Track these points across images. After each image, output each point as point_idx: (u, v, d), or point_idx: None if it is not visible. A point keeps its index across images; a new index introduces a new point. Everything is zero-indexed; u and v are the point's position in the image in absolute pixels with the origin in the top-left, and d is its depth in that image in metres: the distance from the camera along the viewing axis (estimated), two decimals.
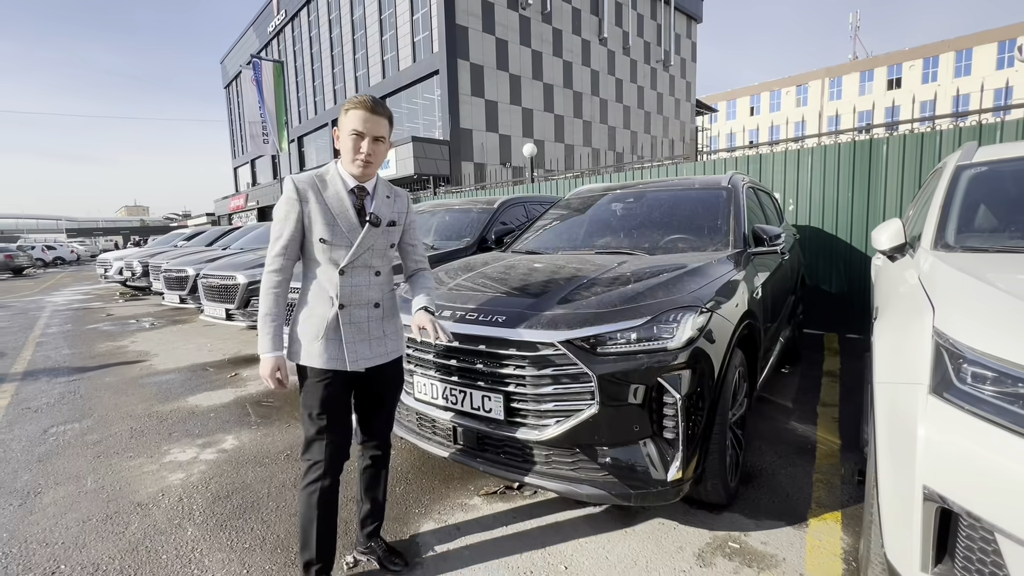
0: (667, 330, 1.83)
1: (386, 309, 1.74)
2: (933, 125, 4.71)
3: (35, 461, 2.93)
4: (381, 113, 1.60)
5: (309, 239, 1.62)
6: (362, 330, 1.66)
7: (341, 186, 1.63)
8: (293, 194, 1.60)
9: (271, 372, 1.60)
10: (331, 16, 27.57)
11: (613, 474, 1.83)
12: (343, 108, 1.61)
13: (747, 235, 2.82)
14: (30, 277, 20.00)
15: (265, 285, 1.62)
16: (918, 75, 36.49)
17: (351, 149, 1.59)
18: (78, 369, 5.02)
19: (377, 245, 1.68)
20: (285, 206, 1.60)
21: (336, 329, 1.62)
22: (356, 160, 1.60)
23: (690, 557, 1.89)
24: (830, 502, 2.22)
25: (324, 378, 1.63)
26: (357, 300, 1.65)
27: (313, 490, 1.66)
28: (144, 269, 10.53)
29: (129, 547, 2.08)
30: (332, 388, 1.64)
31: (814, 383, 3.78)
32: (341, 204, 1.62)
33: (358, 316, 1.65)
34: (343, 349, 1.62)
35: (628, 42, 28.94)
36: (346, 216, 1.62)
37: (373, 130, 1.59)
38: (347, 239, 1.62)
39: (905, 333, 1.46)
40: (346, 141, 1.59)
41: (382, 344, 1.72)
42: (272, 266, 1.62)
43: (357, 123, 1.57)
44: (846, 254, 5.14)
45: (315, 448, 1.66)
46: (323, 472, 1.65)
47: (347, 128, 1.58)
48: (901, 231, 2.24)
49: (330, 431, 1.65)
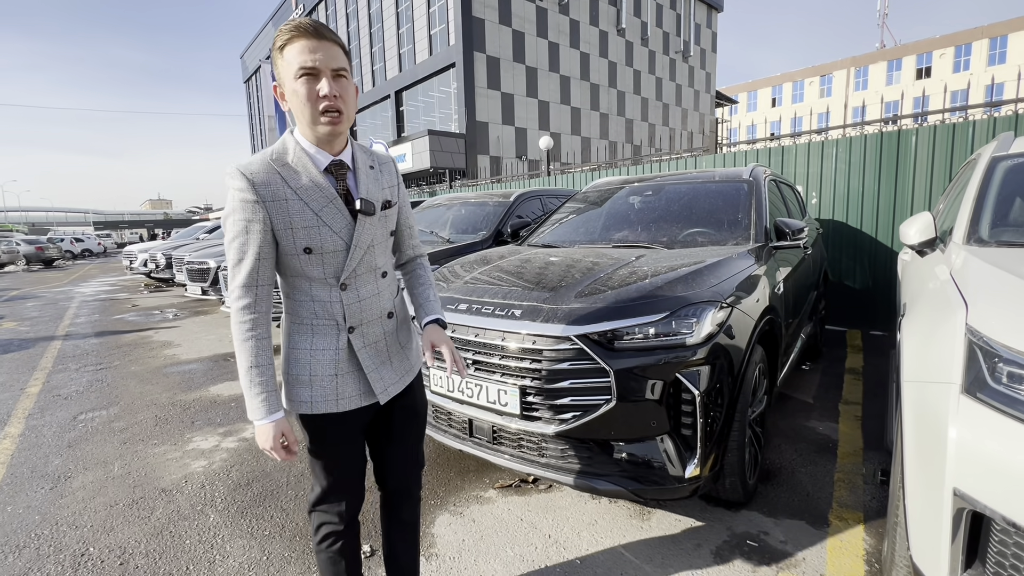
0: (686, 325, 1.80)
1: (399, 315, 1.36)
2: (966, 115, 4.54)
3: (65, 447, 3.03)
4: (331, 37, 1.09)
5: (286, 251, 1.14)
6: (380, 351, 1.27)
7: (312, 167, 1.14)
8: (249, 194, 1.08)
9: (274, 442, 1.15)
10: (348, 10, 27.69)
11: (629, 470, 1.82)
12: (275, 47, 1.09)
13: (768, 229, 2.76)
14: (59, 268, 20.63)
15: (239, 330, 1.13)
16: (949, 63, 35.22)
17: (307, 98, 1.07)
18: (105, 358, 5.17)
19: (377, 238, 1.24)
20: (242, 213, 1.09)
21: (351, 359, 1.23)
22: (319, 109, 1.08)
23: (707, 555, 1.87)
24: (852, 502, 2.18)
25: (342, 420, 1.25)
26: (368, 316, 1.24)
27: (332, 542, 1.33)
28: (167, 261, 10.79)
29: (154, 531, 2.14)
30: (349, 431, 1.27)
31: (836, 380, 3.70)
32: (320, 193, 1.14)
33: (372, 335, 1.26)
34: (364, 381, 1.24)
35: (647, 32, 28.48)
36: (332, 210, 1.15)
37: (328, 60, 1.07)
38: (341, 240, 1.16)
39: (935, 330, 1.41)
40: (296, 89, 1.07)
41: (404, 358, 1.35)
42: (240, 302, 1.13)
43: (303, 56, 1.05)
44: (871, 249, 5.00)
45: (331, 503, 1.31)
46: (344, 527, 1.33)
47: (291, 70, 1.07)
48: (931, 225, 2.17)
49: (350, 481, 1.32)
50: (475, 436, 2.12)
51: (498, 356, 1.95)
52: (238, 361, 1.15)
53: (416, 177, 21.87)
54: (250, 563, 1.91)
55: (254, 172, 1.10)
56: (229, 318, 7.02)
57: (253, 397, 1.14)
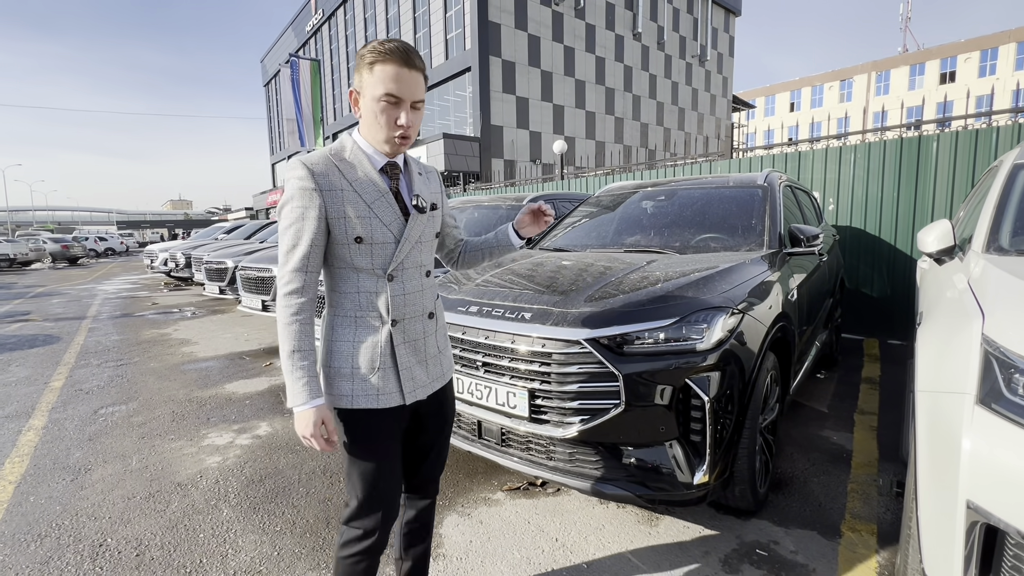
0: (696, 331, 1.79)
1: (439, 319, 1.39)
2: (989, 121, 4.45)
3: (86, 440, 3.11)
4: (419, 67, 1.16)
5: (338, 241, 1.20)
6: (418, 349, 1.30)
7: (368, 165, 1.22)
8: (309, 182, 1.15)
9: (314, 429, 1.16)
10: (367, 15, 28.06)
11: (637, 475, 1.81)
12: (364, 61, 1.15)
13: (783, 235, 2.74)
14: (84, 266, 21.18)
15: (284, 314, 1.18)
16: (974, 68, 34.44)
17: (385, 122, 1.16)
18: (125, 354, 5.29)
19: (425, 236, 1.30)
20: (300, 200, 1.16)
21: (391, 355, 1.24)
22: (392, 135, 1.18)
23: (716, 563, 1.86)
24: (865, 513, 2.14)
25: (380, 420, 1.25)
26: (411, 312, 1.27)
27: (359, 560, 1.29)
28: (187, 260, 11.01)
29: (169, 524, 2.18)
30: (390, 428, 1.27)
31: (852, 389, 3.64)
32: (374, 187, 1.21)
33: (413, 332, 1.28)
34: (398, 378, 1.25)
35: (663, 37, 28.37)
36: (384, 203, 1.22)
37: (412, 92, 1.15)
38: (391, 234, 1.22)
39: (951, 340, 1.39)
40: (374, 108, 1.15)
41: (438, 363, 1.36)
42: (290, 286, 1.18)
43: (390, 83, 1.12)
44: (889, 256, 4.91)
45: (368, 515, 1.27)
46: (376, 542, 1.29)
47: (376, 90, 1.14)
48: (950, 232, 2.13)
49: (388, 491, 1.29)
50: (484, 438, 2.13)
51: (508, 359, 1.96)
52: (281, 346, 1.19)
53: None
54: (262, 558, 1.94)
55: (314, 163, 1.18)
56: (245, 317, 7.18)
57: (295, 382, 1.16)
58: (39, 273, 17.75)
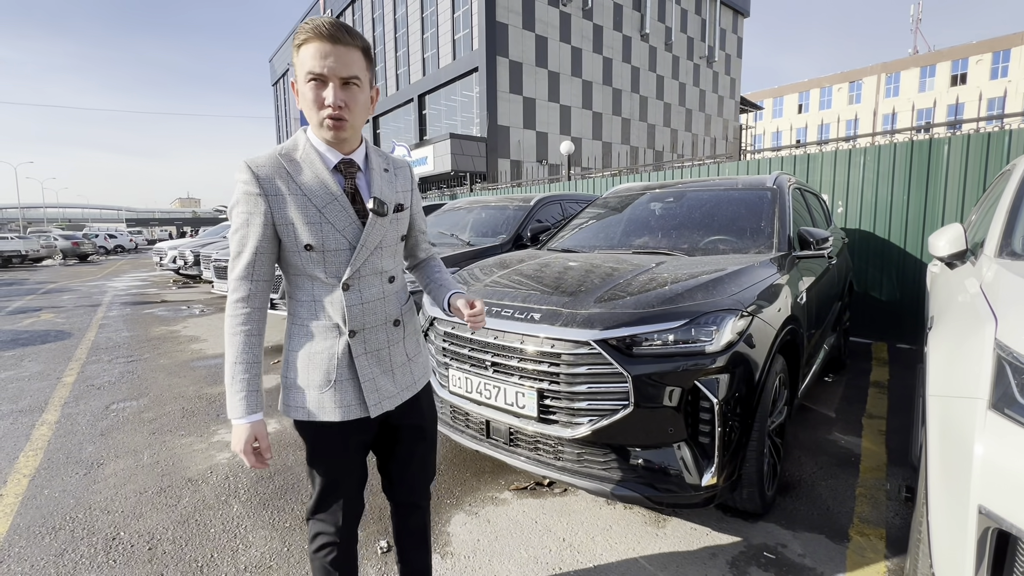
0: (705, 333, 1.80)
1: (407, 325, 1.30)
2: (1002, 124, 4.41)
3: (98, 435, 3.16)
4: (347, 42, 1.06)
5: (288, 248, 1.12)
6: (382, 359, 1.23)
7: (320, 164, 1.13)
8: (253, 186, 1.07)
9: (246, 445, 1.11)
10: (375, 15, 28.18)
11: (645, 476, 1.82)
12: (294, 44, 1.08)
13: (792, 238, 2.73)
14: (94, 263, 21.39)
15: (230, 323, 1.12)
16: (986, 70, 34.11)
17: (312, 101, 1.07)
18: (136, 351, 5.35)
19: (387, 240, 1.21)
20: (244, 206, 1.09)
21: (349, 366, 1.18)
22: (322, 117, 1.08)
23: (723, 565, 1.86)
24: (874, 518, 2.13)
25: (339, 431, 1.20)
26: (371, 321, 1.20)
27: (328, 552, 1.28)
28: (196, 258, 11.11)
29: (181, 519, 2.21)
30: (349, 441, 1.23)
31: (860, 393, 3.62)
32: (325, 190, 1.12)
33: (375, 342, 1.21)
34: (360, 390, 1.19)
35: (671, 38, 28.30)
36: (336, 207, 1.12)
37: (339, 68, 1.05)
38: (344, 239, 1.14)
39: (962, 344, 1.38)
40: (304, 92, 1.08)
41: (407, 372, 1.29)
42: (236, 294, 1.12)
43: (313, 60, 1.04)
44: (899, 260, 4.88)
45: (328, 514, 1.27)
46: (341, 539, 1.28)
47: (302, 71, 1.06)
48: (961, 236, 2.12)
49: (347, 493, 1.27)
50: (492, 437, 2.14)
51: (516, 359, 1.97)
52: (226, 354, 1.13)
53: (437, 180, 22.08)
54: (271, 553, 1.96)
55: (259, 165, 1.10)
56: None
57: (234, 394, 1.11)
58: (50, 269, 17.96)
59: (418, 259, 1.48)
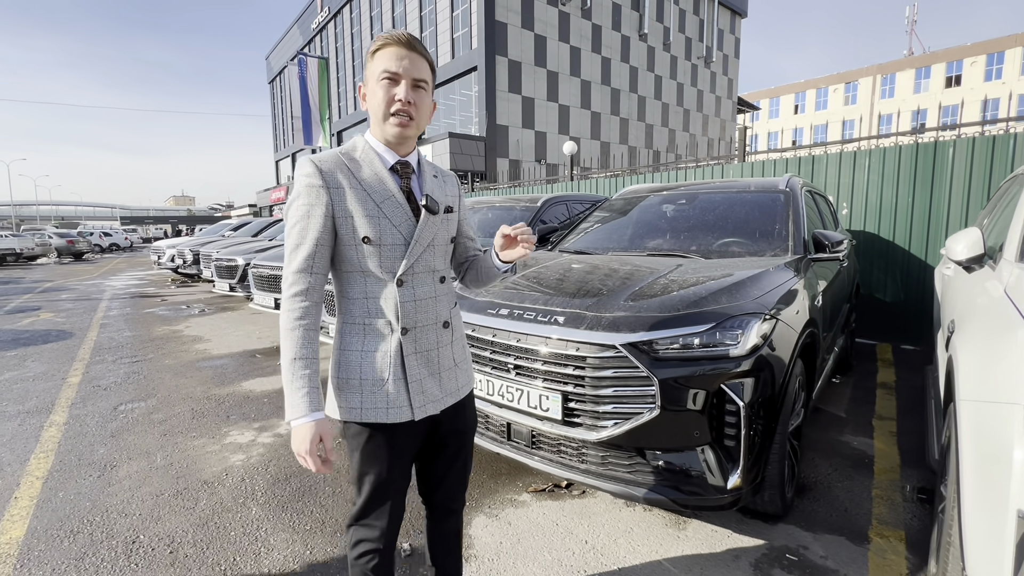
0: (731, 336, 1.81)
1: (455, 329, 1.32)
2: (1007, 127, 4.45)
3: (108, 436, 3.13)
4: (420, 50, 1.15)
5: (345, 241, 1.15)
6: (431, 361, 1.23)
7: (379, 163, 1.18)
8: (316, 179, 1.12)
9: (311, 446, 1.09)
10: (372, 13, 28.06)
11: (670, 478, 1.83)
12: (369, 51, 1.16)
13: (807, 240, 2.75)
14: (89, 262, 21.22)
15: (287, 318, 1.12)
16: (980, 72, 34.36)
17: (383, 98, 1.13)
18: (139, 351, 5.32)
19: (438, 240, 1.24)
20: (306, 198, 1.12)
21: (400, 366, 1.18)
22: (392, 113, 1.14)
23: (747, 567, 1.87)
24: (892, 520, 2.15)
25: (391, 434, 1.19)
26: (423, 320, 1.21)
27: (370, 560, 1.26)
28: (195, 257, 11.04)
29: (200, 522, 2.20)
30: (399, 445, 1.22)
31: (868, 394, 3.65)
32: (383, 186, 1.16)
33: (425, 342, 1.22)
34: (407, 391, 1.18)
35: (669, 38, 28.35)
36: (394, 203, 1.16)
37: (412, 70, 1.13)
38: (400, 235, 1.17)
39: (995, 348, 1.39)
40: (376, 90, 1.14)
41: (452, 377, 1.29)
42: (294, 288, 1.12)
43: (389, 61, 1.12)
44: (903, 261, 4.92)
45: (374, 520, 1.25)
46: (384, 545, 1.26)
47: (376, 72, 1.13)
48: (980, 241, 2.14)
49: (393, 499, 1.25)
50: (513, 440, 2.14)
51: (540, 362, 1.97)
52: (282, 352, 1.12)
53: None
54: (294, 556, 1.96)
55: (322, 160, 1.15)
56: (255, 314, 7.20)
57: (294, 392, 1.09)
58: (45, 268, 17.81)
59: (467, 262, 1.47)
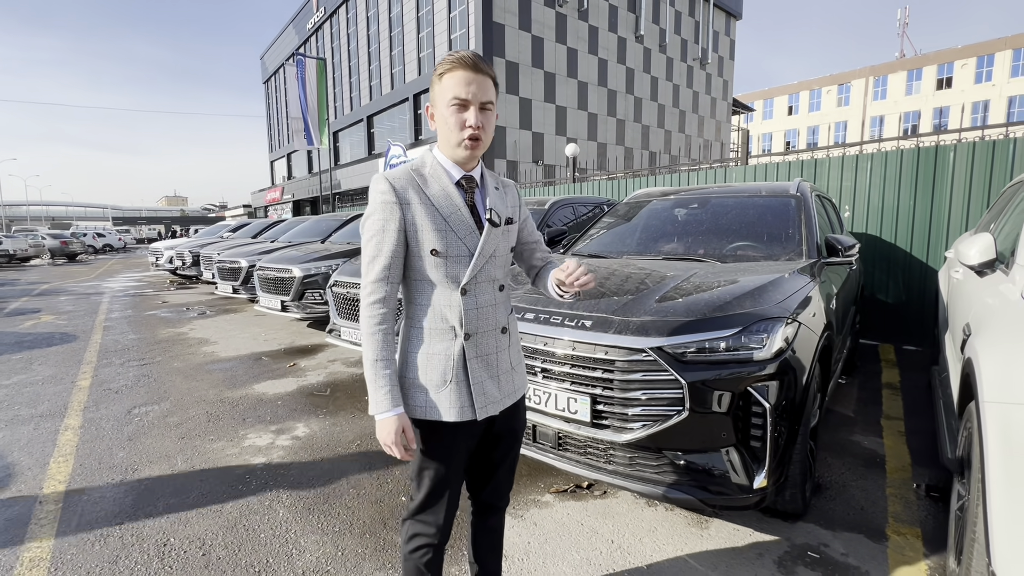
0: (757, 340, 1.85)
1: (512, 334, 1.40)
2: (1006, 132, 4.54)
3: (126, 440, 3.14)
4: (486, 71, 1.20)
5: (414, 253, 1.24)
6: (490, 364, 1.31)
7: (446, 179, 1.26)
8: (390, 196, 1.21)
9: (396, 437, 1.20)
10: (369, 13, 28.00)
11: (698, 479, 1.87)
12: (436, 73, 1.22)
13: (820, 244, 2.81)
14: (83, 263, 21.04)
15: (368, 324, 1.22)
16: (971, 75, 34.77)
17: (454, 124, 1.20)
18: (146, 353, 5.31)
19: (499, 251, 1.32)
20: (381, 213, 1.21)
21: (463, 368, 1.27)
22: (463, 137, 1.21)
23: (771, 564, 1.92)
24: (908, 517, 2.21)
25: (452, 433, 1.28)
26: (484, 326, 1.29)
27: (425, 553, 1.35)
28: (194, 259, 10.99)
29: (228, 525, 2.22)
30: (461, 444, 1.31)
31: (874, 395, 3.72)
32: (450, 201, 1.25)
33: (485, 346, 1.30)
34: (470, 392, 1.27)
35: (665, 39, 28.49)
36: (459, 217, 1.25)
37: (480, 94, 1.19)
38: (465, 247, 1.25)
39: (1019, 351, 1.45)
40: (445, 114, 1.21)
41: (510, 380, 1.37)
42: (372, 296, 1.23)
43: (458, 87, 1.17)
44: (905, 264, 5.00)
45: (430, 514, 1.34)
46: (439, 541, 1.36)
47: (445, 97, 1.20)
48: (992, 245, 2.20)
49: (451, 496, 1.34)
50: (539, 441, 2.18)
51: (569, 365, 2.01)
52: (364, 354, 1.23)
53: None
54: (327, 558, 1.99)
55: (395, 178, 1.23)
56: (259, 316, 7.19)
57: (377, 390, 1.21)
58: (39, 270, 17.64)
59: (535, 267, 1.54)
